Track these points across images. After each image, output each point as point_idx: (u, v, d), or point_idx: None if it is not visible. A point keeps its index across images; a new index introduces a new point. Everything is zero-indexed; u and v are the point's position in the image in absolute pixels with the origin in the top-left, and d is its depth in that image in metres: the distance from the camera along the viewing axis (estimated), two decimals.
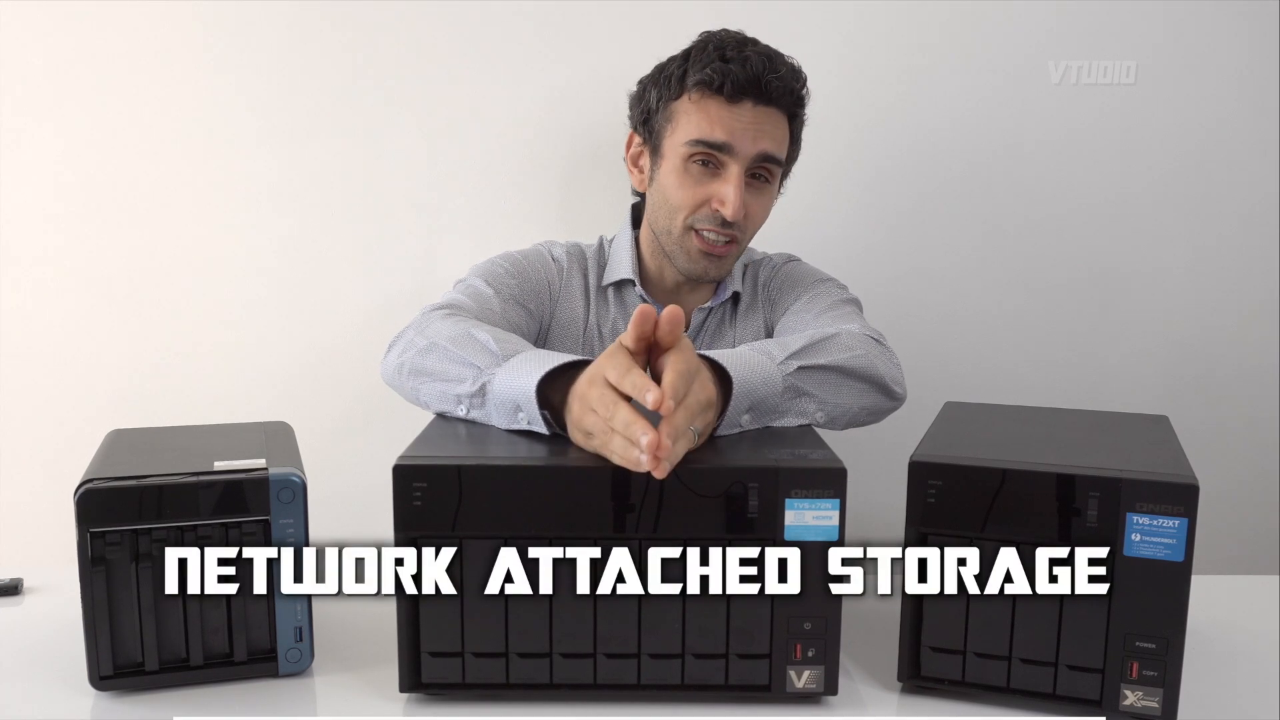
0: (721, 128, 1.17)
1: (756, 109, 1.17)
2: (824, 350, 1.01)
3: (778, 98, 1.17)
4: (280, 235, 1.54)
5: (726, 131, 1.16)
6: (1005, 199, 1.58)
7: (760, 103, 1.17)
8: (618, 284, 1.30)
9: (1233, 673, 0.88)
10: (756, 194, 1.21)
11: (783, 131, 1.21)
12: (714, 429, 0.90)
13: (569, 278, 1.30)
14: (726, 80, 1.15)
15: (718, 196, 1.18)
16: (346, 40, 1.50)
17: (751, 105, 1.17)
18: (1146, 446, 0.86)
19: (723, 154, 1.17)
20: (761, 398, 0.92)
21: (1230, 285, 1.60)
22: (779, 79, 1.16)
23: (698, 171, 1.19)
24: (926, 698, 0.82)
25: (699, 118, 1.18)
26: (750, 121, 1.17)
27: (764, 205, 1.23)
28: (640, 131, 1.27)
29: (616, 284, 1.30)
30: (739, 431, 0.92)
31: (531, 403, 0.88)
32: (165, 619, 0.81)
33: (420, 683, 0.80)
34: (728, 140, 1.16)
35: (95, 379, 1.55)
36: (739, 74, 1.15)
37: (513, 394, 0.90)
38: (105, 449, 0.90)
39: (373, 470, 1.36)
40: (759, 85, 1.15)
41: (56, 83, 1.49)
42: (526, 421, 0.90)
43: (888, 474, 1.36)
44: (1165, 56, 1.53)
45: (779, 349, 0.98)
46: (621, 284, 1.30)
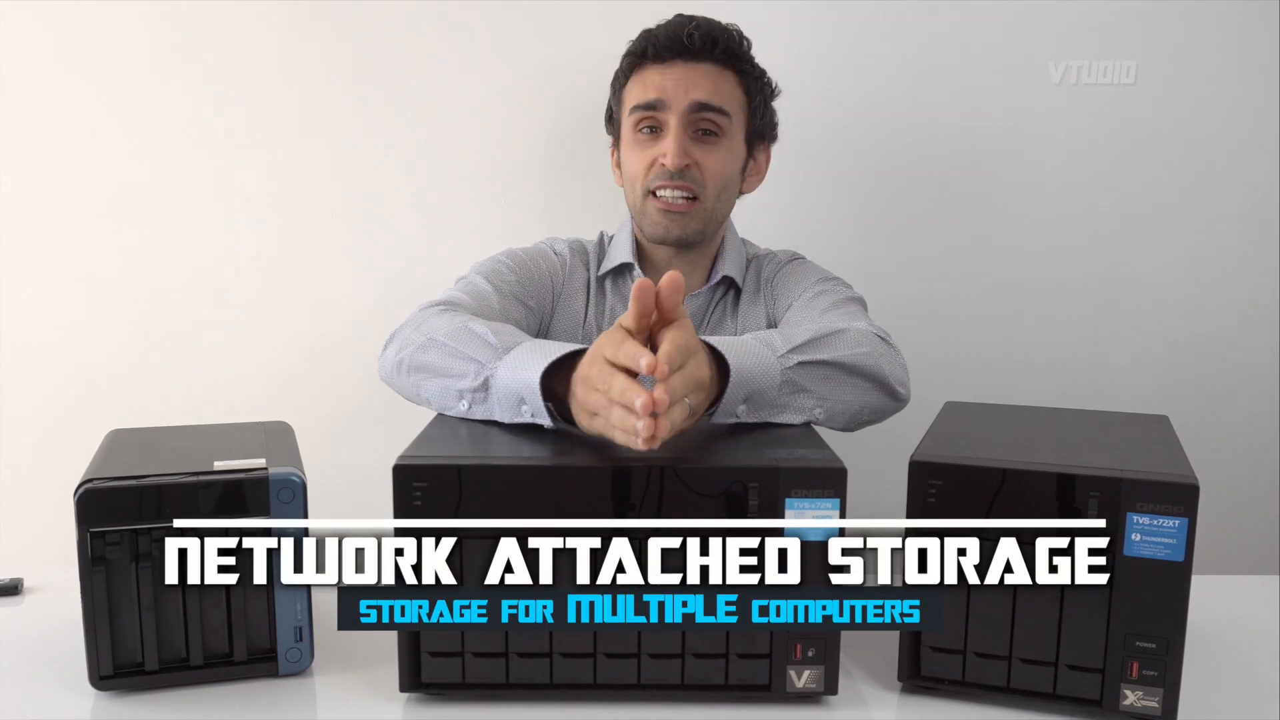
0: (654, 88, 1.23)
1: (688, 65, 1.23)
2: (828, 345, 1.01)
3: (704, 50, 1.23)
4: (279, 235, 1.54)
5: (658, 90, 1.23)
6: (1005, 199, 1.58)
7: (689, 59, 1.23)
8: (616, 270, 1.32)
9: (1233, 673, 0.88)
10: (708, 149, 1.24)
11: (723, 85, 1.24)
12: (709, 412, 0.90)
13: (571, 271, 1.31)
14: (649, 44, 1.24)
15: (661, 152, 1.23)
16: (345, 41, 1.50)
17: (682, 63, 1.23)
18: (1146, 446, 0.86)
19: (660, 112, 1.23)
20: (759, 389, 0.92)
21: (1230, 285, 1.60)
22: (699, 30, 1.22)
23: (645, 138, 1.25)
24: (926, 698, 0.82)
25: (637, 88, 1.25)
26: (680, 76, 1.23)
27: (718, 159, 1.25)
28: (610, 131, 1.33)
29: (615, 271, 1.32)
30: (736, 422, 0.92)
31: (535, 394, 0.88)
32: (165, 617, 0.81)
33: (420, 683, 0.80)
34: (659, 97, 1.22)
35: (95, 379, 1.55)
36: (659, 35, 1.24)
37: (516, 386, 0.90)
38: (105, 449, 0.90)
39: (373, 470, 1.36)
40: (680, 41, 1.22)
41: (56, 83, 1.49)
42: (530, 414, 0.90)
43: (888, 474, 1.37)
44: (1165, 56, 1.53)
45: (782, 341, 0.98)
46: (620, 270, 1.32)
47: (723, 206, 1.28)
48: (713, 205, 1.25)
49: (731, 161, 1.26)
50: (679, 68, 1.22)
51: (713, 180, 1.24)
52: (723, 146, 1.24)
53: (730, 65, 1.24)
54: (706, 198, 1.24)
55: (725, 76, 1.24)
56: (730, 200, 1.30)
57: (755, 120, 1.28)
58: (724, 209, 1.29)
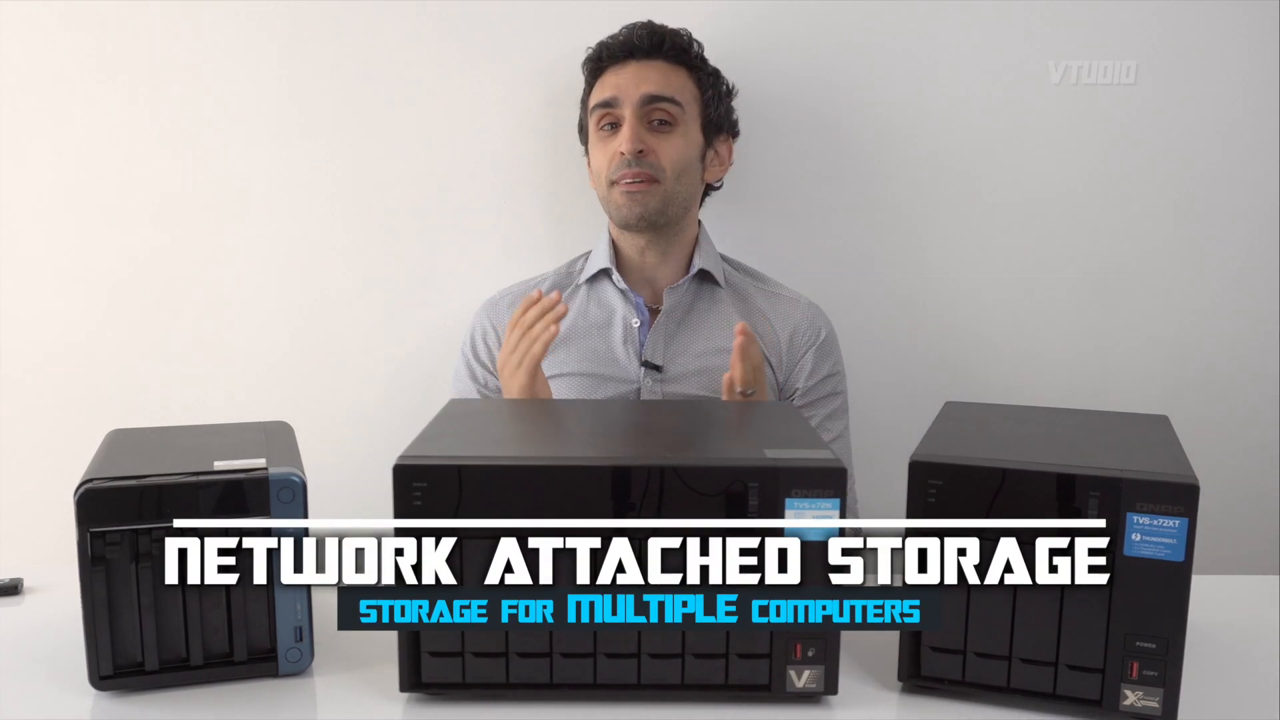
0: (610, 87, 1.35)
1: (640, 64, 1.34)
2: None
3: (653, 48, 1.33)
4: (280, 235, 1.54)
5: (613, 88, 1.34)
6: (1005, 199, 1.58)
7: (641, 58, 1.35)
8: (594, 277, 1.39)
9: (1233, 673, 0.88)
10: (663, 136, 1.33)
11: (675, 78, 1.34)
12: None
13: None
14: (603, 50, 1.36)
15: (618, 147, 1.32)
16: (346, 41, 1.50)
17: (635, 63, 1.35)
18: (1146, 446, 0.86)
19: (616, 108, 1.34)
20: None
21: (1230, 285, 1.60)
22: (646, 31, 1.34)
23: (606, 134, 1.35)
24: (926, 697, 0.82)
25: (596, 92, 1.37)
26: (633, 74, 1.34)
27: (674, 145, 1.33)
28: (582, 141, 1.42)
29: (593, 277, 1.39)
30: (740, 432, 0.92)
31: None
32: (165, 617, 0.81)
33: (420, 683, 0.80)
34: (614, 94, 1.34)
35: (95, 379, 1.55)
36: (610, 42, 1.36)
37: None
38: (105, 449, 0.90)
39: (373, 470, 1.36)
40: (629, 44, 1.34)
41: (57, 83, 1.49)
42: None
43: (888, 474, 1.37)
44: (1165, 56, 1.53)
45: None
46: (598, 275, 1.39)
47: (684, 190, 1.34)
48: (672, 187, 1.33)
49: (687, 148, 1.34)
50: (632, 66, 1.34)
51: (670, 164, 1.32)
52: (677, 133, 1.33)
53: (680, 62, 1.34)
54: (665, 179, 1.32)
55: (676, 72, 1.34)
56: (691, 185, 1.36)
57: (710, 111, 1.36)
58: (685, 192, 1.35)
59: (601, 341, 1.36)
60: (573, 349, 1.35)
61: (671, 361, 1.33)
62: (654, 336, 1.34)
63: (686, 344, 1.35)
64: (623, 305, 1.37)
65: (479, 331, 1.41)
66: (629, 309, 1.36)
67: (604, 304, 1.38)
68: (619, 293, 1.37)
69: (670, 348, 1.34)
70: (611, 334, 1.36)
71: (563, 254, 1.48)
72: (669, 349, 1.34)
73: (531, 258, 1.53)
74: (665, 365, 1.33)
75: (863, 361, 1.46)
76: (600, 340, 1.36)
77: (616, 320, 1.36)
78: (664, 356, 1.34)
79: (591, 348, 1.35)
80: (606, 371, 1.33)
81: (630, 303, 1.36)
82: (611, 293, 1.38)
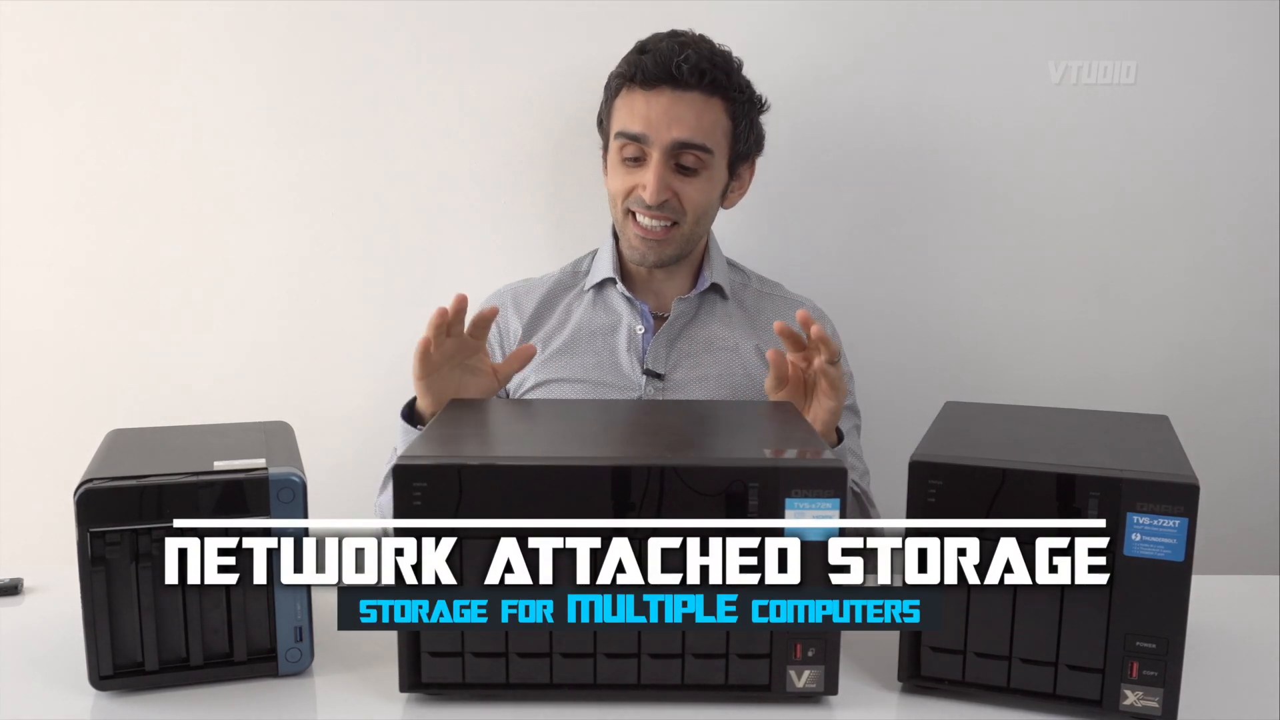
0: (639, 119, 1.25)
1: (674, 94, 1.24)
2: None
3: (691, 80, 1.24)
4: (280, 235, 1.54)
5: (643, 122, 1.25)
6: (1005, 199, 1.58)
7: (676, 88, 1.24)
8: (600, 284, 1.37)
9: (1233, 673, 0.88)
10: (688, 180, 1.27)
11: (707, 116, 1.26)
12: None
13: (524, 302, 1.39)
14: (638, 70, 1.26)
15: (641, 183, 1.26)
16: (347, 42, 1.50)
17: (669, 91, 1.24)
18: (1146, 446, 0.86)
19: (642, 144, 1.25)
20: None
21: (1230, 285, 1.60)
22: (686, 61, 1.23)
23: (629, 163, 1.28)
24: (926, 698, 0.82)
25: (624, 111, 1.28)
26: (665, 108, 1.24)
27: (698, 190, 1.28)
28: (600, 133, 1.36)
29: (599, 285, 1.37)
30: (740, 432, 0.92)
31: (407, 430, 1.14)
32: (165, 617, 0.81)
33: (420, 683, 0.80)
34: (643, 131, 1.26)
35: (95, 379, 1.55)
36: (649, 63, 1.25)
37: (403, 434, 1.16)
38: (105, 449, 0.90)
39: (373, 470, 1.37)
40: (668, 70, 1.23)
41: (57, 83, 1.49)
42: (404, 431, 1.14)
43: (888, 474, 1.37)
44: (1165, 56, 1.53)
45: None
46: (603, 284, 1.37)
47: (701, 229, 1.33)
48: (691, 230, 1.30)
49: (711, 190, 1.30)
50: (666, 96, 1.25)
51: (692, 209, 1.28)
52: (703, 178, 1.28)
53: (718, 93, 1.26)
54: (685, 223, 1.29)
55: (711, 105, 1.26)
56: (709, 222, 1.34)
57: (739, 145, 1.31)
58: (702, 231, 1.34)
59: (606, 348, 1.34)
60: (577, 354, 1.34)
61: (673, 370, 1.33)
62: (656, 345, 1.33)
63: (688, 352, 1.34)
64: (628, 312, 1.35)
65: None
66: (634, 316, 1.35)
67: (610, 309, 1.37)
68: (625, 299, 1.35)
69: (672, 356, 1.34)
70: (616, 341, 1.35)
71: (564, 254, 1.48)
72: (670, 357, 1.33)
73: (532, 258, 1.52)
74: (667, 374, 1.32)
75: (863, 362, 1.46)
76: (605, 347, 1.35)
77: (622, 327, 1.35)
78: (666, 365, 1.33)
79: (595, 354, 1.34)
80: (610, 379, 1.32)
81: (636, 310, 1.35)
82: (617, 299, 1.36)
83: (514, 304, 1.38)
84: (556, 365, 1.33)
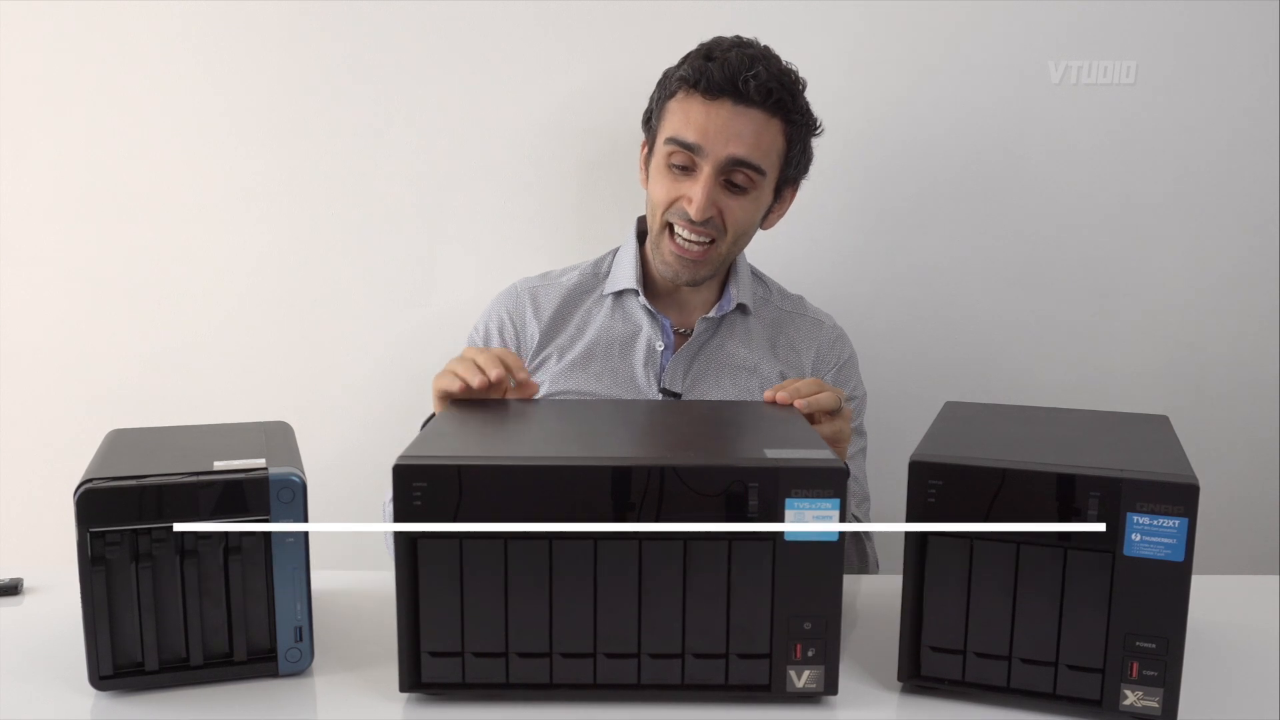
0: (695, 128, 1.20)
1: (735, 109, 1.19)
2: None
3: (755, 97, 1.19)
4: (281, 235, 1.54)
5: (699, 132, 1.20)
6: (1005, 199, 1.58)
7: (739, 102, 1.19)
8: (619, 293, 1.33)
9: (1233, 673, 0.88)
10: (735, 198, 1.23)
11: (765, 136, 1.22)
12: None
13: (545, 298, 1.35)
14: (703, 78, 1.19)
15: (687, 195, 1.21)
16: (349, 41, 1.50)
17: (730, 104, 1.19)
18: (1146, 446, 0.86)
19: (694, 154, 1.21)
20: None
21: (1230, 285, 1.60)
22: (755, 78, 1.18)
23: (676, 171, 1.23)
24: (926, 698, 0.82)
25: (679, 116, 1.22)
26: (725, 122, 1.19)
27: (743, 209, 1.24)
28: (645, 131, 1.31)
29: (618, 293, 1.33)
30: (740, 432, 0.92)
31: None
32: (165, 617, 0.81)
33: (420, 683, 0.80)
34: (698, 141, 1.20)
35: (95, 379, 1.55)
36: (715, 72, 1.19)
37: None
38: (105, 449, 0.90)
39: (373, 470, 1.37)
40: (734, 84, 1.18)
41: (57, 82, 1.49)
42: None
43: (888, 474, 1.37)
44: (1165, 56, 1.53)
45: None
46: (623, 293, 1.33)
47: (737, 250, 1.30)
48: (728, 250, 1.27)
49: (756, 211, 1.27)
50: (726, 109, 1.19)
51: (733, 228, 1.24)
52: (750, 198, 1.24)
53: (779, 114, 1.22)
54: (723, 243, 1.25)
55: (770, 125, 1.22)
56: (746, 242, 1.31)
57: (790, 168, 1.28)
58: (738, 251, 1.31)
59: (623, 362, 1.30)
60: (594, 366, 1.30)
61: (690, 389, 1.30)
62: (675, 363, 1.30)
63: (705, 371, 1.31)
64: (648, 325, 1.31)
65: (494, 321, 1.35)
66: (654, 330, 1.31)
67: (629, 320, 1.32)
68: (646, 312, 1.31)
69: (690, 375, 1.30)
70: (634, 355, 1.31)
71: (568, 255, 1.48)
72: (688, 376, 1.30)
73: (533, 258, 1.53)
74: (684, 393, 1.29)
75: (863, 362, 1.46)
76: (622, 361, 1.30)
77: (640, 341, 1.31)
78: (683, 384, 1.29)
79: (612, 368, 1.30)
80: (626, 396, 1.29)
81: (656, 324, 1.31)
82: (638, 309, 1.32)
83: (532, 305, 1.34)
84: (572, 378, 1.30)
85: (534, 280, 1.37)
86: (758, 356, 1.32)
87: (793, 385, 1.02)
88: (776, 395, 1.01)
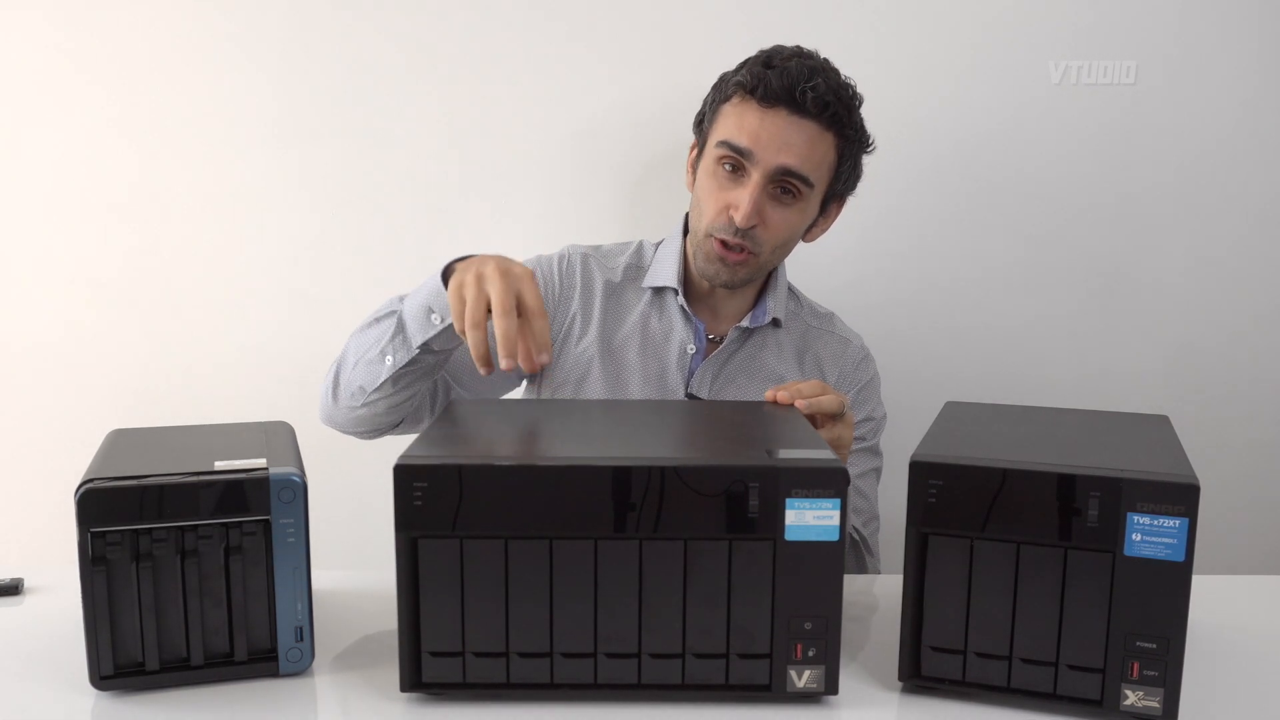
0: (748, 134, 1.19)
1: (790, 119, 1.19)
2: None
3: (812, 109, 1.18)
4: (281, 236, 1.55)
5: (751, 138, 1.19)
6: (1005, 199, 1.58)
7: (794, 112, 1.18)
8: (658, 289, 1.32)
9: (1233, 673, 0.88)
10: (781, 208, 1.22)
11: (818, 148, 1.21)
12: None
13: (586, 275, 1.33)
14: (761, 84, 1.19)
15: (734, 202, 1.20)
16: (353, 41, 1.50)
17: (786, 114, 1.18)
18: (1146, 446, 0.86)
19: (746, 160, 1.20)
20: None
21: (1230, 285, 1.60)
22: (814, 89, 1.17)
23: (725, 175, 1.22)
24: (926, 698, 0.82)
25: (733, 120, 1.21)
26: (778, 130, 1.19)
27: (786, 220, 1.23)
28: (696, 132, 1.30)
29: (658, 289, 1.32)
30: (740, 432, 0.92)
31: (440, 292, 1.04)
32: (165, 617, 0.81)
33: (420, 683, 0.80)
34: (750, 147, 1.19)
35: (95, 379, 1.55)
36: (774, 80, 1.18)
37: (422, 297, 1.07)
38: (105, 449, 0.90)
39: (373, 470, 1.37)
40: (791, 94, 1.17)
41: (58, 82, 1.49)
42: (439, 318, 1.07)
43: (888, 474, 1.37)
44: (1165, 56, 1.53)
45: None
46: (663, 289, 1.32)
47: (776, 259, 1.29)
48: (767, 259, 1.26)
49: (800, 223, 1.26)
50: (781, 118, 1.19)
51: (774, 239, 1.24)
52: (795, 209, 1.24)
53: (834, 128, 1.21)
54: (762, 253, 1.24)
55: (823, 139, 1.21)
56: (787, 253, 1.31)
57: (838, 183, 1.27)
58: (778, 261, 1.30)
59: (656, 362, 1.30)
60: (629, 363, 1.29)
61: (714, 397, 1.29)
62: (704, 370, 1.29)
63: (732, 378, 1.30)
64: (683, 327, 1.30)
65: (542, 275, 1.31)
66: (688, 333, 1.30)
67: (665, 318, 1.31)
68: (682, 313, 1.31)
69: (717, 382, 1.30)
70: (667, 355, 1.30)
71: None
72: (715, 383, 1.30)
73: None
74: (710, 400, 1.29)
75: None
76: (655, 361, 1.30)
77: (674, 341, 1.30)
78: (710, 390, 1.29)
79: (644, 368, 1.29)
80: (654, 392, 1.29)
81: (691, 327, 1.30)
82: (675, 310, 1.31)
83: (583, 277, 1.32)
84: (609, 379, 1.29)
85: (586, 249, 1.35)
86: (784, 367, 1.32)
87: (794, 386, 1.02)
88: (777, 395, 1.01)
